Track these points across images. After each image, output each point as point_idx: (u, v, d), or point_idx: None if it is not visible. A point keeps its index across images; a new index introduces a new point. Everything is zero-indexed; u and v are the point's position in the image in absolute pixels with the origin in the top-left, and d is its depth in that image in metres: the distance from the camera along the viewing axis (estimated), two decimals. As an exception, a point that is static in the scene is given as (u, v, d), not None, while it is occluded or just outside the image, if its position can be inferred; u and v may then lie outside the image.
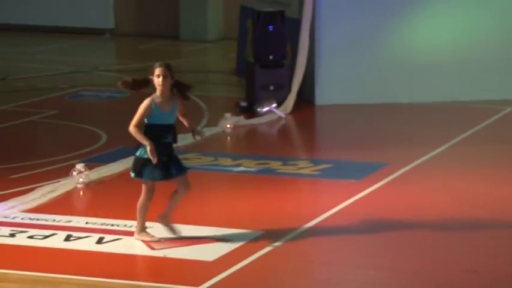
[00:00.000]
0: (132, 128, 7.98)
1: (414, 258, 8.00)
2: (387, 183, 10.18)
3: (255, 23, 14.39)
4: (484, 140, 12.26)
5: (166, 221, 8.27)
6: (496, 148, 11.76)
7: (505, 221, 8.93)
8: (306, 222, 8.77)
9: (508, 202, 9.49)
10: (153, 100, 7.98)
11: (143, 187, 8.14)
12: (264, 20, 14.26)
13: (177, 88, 8.09)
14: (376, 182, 10.18)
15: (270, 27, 14.20)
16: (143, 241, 8.18)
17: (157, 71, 7.94)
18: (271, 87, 13.89)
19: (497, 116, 13.45)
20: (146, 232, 8.24)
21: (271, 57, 14.14)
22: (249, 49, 14.87)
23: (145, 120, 8.02)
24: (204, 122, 13.14)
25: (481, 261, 7.86)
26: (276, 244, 8.15)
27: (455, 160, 11.22)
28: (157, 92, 7.99)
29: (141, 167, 8.05)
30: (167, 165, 8.07)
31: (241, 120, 13.13)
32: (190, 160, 11.07)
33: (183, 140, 11.86)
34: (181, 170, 8.17)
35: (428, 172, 10.73)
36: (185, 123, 8.37)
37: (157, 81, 7.93)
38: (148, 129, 8.03)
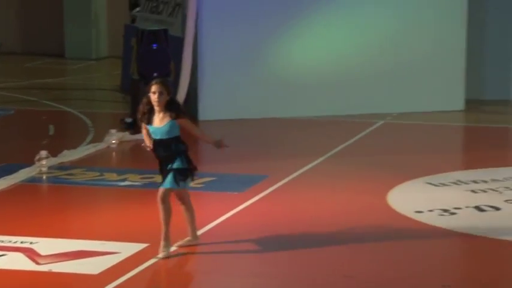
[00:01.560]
0: None
1: (293, 265, 8.08)
2: (268, 194, 10.26)
3: (139, 42, 14.41)
4: (358, 151, 12.47)
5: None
6: (370, 158, 11.96)
7: (376, 228, 9.10)
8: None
9: (379, 210, 9.69)
10: None
11: None
12: (147, 38, 14.27)
13: (171, 105, 8.02)
14: (257, 193, 10.24)
15: (154, 46, 14.20)
16: None
17: (154, 87, 7.93)
18: (157, 102, 13.89)
19: (370, 129, 13.72)
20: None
21: (155, 74, 14.06)
22: (134, 67, 14.86)
23: None
24: (89, 138, 13.07)
25: (357, 267, 7.98)
26: (162, 255, 8.10)
27: (331, 172, 11.36)
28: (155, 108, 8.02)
29: None
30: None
31: (126, 136, 13.09)
32: (75, 176, 11.02)
33: (69, 155, 11.86)
34: (165, 184, 8.15)
35: (306, 183, 10.82)
36: (204, 140, 8.50)
37: (153, 97, 7.92)
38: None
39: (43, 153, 11.35)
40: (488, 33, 15.69)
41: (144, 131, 8.17)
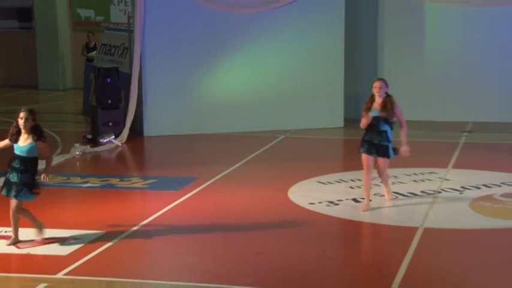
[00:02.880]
0: None
1: (216, 245, 8.14)
2: (197, 192, 10.27)
3: (97, 76, 14.30)
4: (266, 159, 12.50)
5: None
6: (275, 165, 12.01)
7: (279, 216, 9.20)
8: (139, 223, 8.81)
9: (282, 202, 9.76)
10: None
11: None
12: (103, 74, 14.20)
13: (35, 130, 7.87)
14: (190, 191, 10.25)
15: (108, 80, 14.15)
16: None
17: (21, 114, 7.83)
18: (110, 124, 13.83)
19: (274, 142, 13.76)
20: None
21: (109, 101, 14.07)
22: (93, 95, 14.75)
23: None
24: (58, 150, 12.94)
25: (265, 245, 8.07)
26: (116, 240, 8.15)
27: (246, 174, 11.38)
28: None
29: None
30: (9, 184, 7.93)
31: (88, 148, 13.04)
32: (48, 179, 10.90)
33: (43, 164, 11.72)
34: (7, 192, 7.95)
35: (227, 183, 10.81)
36: (46, 165, 8.14)
37: (20, 122, 7.82)
38: None
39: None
40: (360, 67, 15.68)
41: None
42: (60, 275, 7.18)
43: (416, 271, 7.29)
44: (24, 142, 7.85)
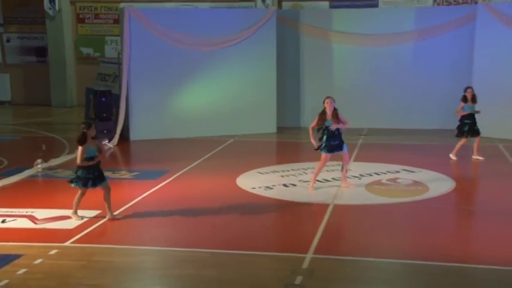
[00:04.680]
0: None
1: (186, 220, 8.06)
2: (170, 181, 10.19)
3: (95, 96, 14.10)
4: (220, 156, 12.41)
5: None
6: (227, 160, 11.95)
7: (230, 198, 9.13)
8: (127, 204, 8.72)
9: (232, 187, 9.72)
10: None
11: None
12: (99, 95, 14.02)
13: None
14: (164, 180, 10.16)
15: (103, 99, 13.99)
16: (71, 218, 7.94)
17: (87, 126, 7.79)
18: (105, 131, 13.59)
19: (226, 143, 13.69)
20: (77, 215, 7.99)
21: (104, 115, 13.90)
22: (92, 111, 14.51)
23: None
24: (66, 151, 12.68)
25: (219, 219, 8.02)
26: (107, 218, 8.02)
27: (206, 167, 11.31)
28: None
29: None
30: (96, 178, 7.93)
31: (88, 150, 12.82)
32: (58, 173, 10.76)
33: (54, 161, 11.49)
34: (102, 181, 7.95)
35: (191, 174, 10.73)
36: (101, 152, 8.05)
37: (89, 132, 7.76)
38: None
39: (39, 160, 11.09)
40: (287, 89, 15.71)
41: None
42: (67, 243, 7.12)
43: (329, 235, 7.34)
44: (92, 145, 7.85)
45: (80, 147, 7.77)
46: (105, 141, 13.21)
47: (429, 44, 15.11)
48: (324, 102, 9.33)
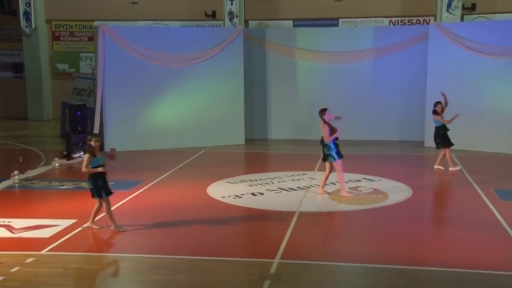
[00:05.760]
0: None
1: (158, 228, 8.00)
2: (143, 191, 10.13)
3: (70, 110, 13.95)
4: (191, 167, 12.38)
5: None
6: (198, 170, 11.92)
7: (202, 206, 9.08)
8: (102, 213, 8.47)
9: (203, 196, 9.67)
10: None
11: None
12: (75, 108, 13.88)
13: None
14: (138, 190, 10.11)
15: (78, 113, 13.84)
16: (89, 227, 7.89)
17: (96, 140, 7.78)
18: (80, 143, 13.39)
19: (197, 155, 13.68)
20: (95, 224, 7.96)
21: (79, 128, 13.73)
22: (68, 124, 14.38)
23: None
24: (42, 163, 12.51)
25: (192, 225, 7.99)
26: (85, 225, 7.93)
27: (178, 178, 11.25)
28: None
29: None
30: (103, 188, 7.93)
31: (64, 161, 12.65)
32: (35, 184, 10.60)
33: (31, 173, 11.29)
34: (107, 193, 7.93)
35: (164, 184, 10.69)
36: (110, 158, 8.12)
37: (96, 144, 7.74)
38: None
39: (16, 172, 10.91)
40: (255, 102, 15.81)
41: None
42: (44, 252, 7.00)
43: (295, 241, 7.37)
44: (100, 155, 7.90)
45: (87, 155, 7.82)
46: (80, 154, 13.03)
47: (386, 60, 15.41)
48: (325, 114, 9.50)
